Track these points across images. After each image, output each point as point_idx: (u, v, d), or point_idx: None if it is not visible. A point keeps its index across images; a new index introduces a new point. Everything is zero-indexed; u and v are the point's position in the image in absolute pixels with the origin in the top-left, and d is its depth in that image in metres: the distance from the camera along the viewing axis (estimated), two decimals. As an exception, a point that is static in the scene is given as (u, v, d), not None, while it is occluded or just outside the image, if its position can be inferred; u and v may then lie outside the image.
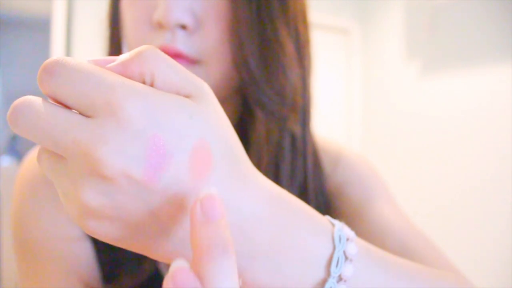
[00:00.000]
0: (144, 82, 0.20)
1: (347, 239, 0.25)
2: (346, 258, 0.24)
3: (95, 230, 0.20)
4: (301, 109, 0.41)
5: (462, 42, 2.33)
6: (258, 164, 0.39)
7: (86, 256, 0.40)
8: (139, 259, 0.40)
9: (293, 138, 0.41)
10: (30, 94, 0.19)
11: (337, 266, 0.24)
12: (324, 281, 0.24)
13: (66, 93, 0.18)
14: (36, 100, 0.19)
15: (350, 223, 0.41)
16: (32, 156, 0.43)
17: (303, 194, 0.41)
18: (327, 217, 0.26)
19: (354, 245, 0.25)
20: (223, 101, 0.30)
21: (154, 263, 0.40)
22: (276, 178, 0.40)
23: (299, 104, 0.39)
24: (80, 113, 0.18)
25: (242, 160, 0.22)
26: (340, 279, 0.24)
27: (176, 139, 0.18)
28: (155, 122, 0.18)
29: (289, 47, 0.37)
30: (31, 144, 0.50)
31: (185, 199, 0.19)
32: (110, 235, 0.20)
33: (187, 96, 0.20)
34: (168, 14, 0.34)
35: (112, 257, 0.40)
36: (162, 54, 0.20)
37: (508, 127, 2.10)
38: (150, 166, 0.18)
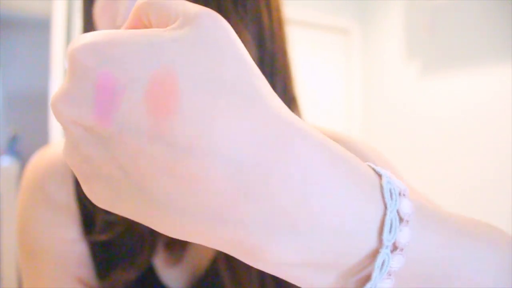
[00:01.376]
0: (145, 27, 0.19)
1: (399, 194, 0.19)
2: (401, 219, 0.18)
3: (87, 193, 0.18)
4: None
5: (462, 42, 2.33)
6: None
7: (83, 257, 0.42)
8: (133, 255, 0.41)
9: None
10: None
11: (390, 231, 0.18)
12: (375, 253, 0.18)
13: None
14: None
15: None
16: (34, 159, 0.45)
17: None
18: (370, 164, 0.20)
19: (409, 201, 0.19)
20: None
21: (148, 258, 0.41)
22: None
23: None
24: None
25: (242, 89, 0.16)
26: (394, 247, 0.18)
27: (127, 72, 0.16)
28: (104, 58, 0.16)
29: (244, 35, 0.37)
30: (31, 144, 0.51)
31: (146, 146, 0.16)
32: (97, 196, 0.18)
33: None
34: (123, 19, 0.35)
35: (107, 255, 0.42)
36: None
37: (508, 127, 2.10)
38: (98, 108, 0.16)
